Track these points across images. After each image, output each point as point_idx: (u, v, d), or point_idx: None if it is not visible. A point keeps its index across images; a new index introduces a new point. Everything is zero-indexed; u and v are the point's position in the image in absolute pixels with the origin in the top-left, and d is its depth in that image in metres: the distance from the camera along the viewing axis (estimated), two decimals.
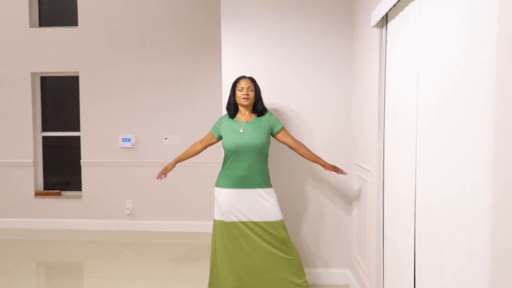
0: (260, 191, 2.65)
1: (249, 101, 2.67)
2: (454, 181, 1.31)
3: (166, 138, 4.66)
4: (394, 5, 1.95)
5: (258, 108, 2.72)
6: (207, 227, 4.63)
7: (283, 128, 2.73)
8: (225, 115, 2.82)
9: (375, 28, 2.35)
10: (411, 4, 1.76)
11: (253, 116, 2.73)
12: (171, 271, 3.47)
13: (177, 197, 4.68)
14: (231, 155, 2.67)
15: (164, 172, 2.85)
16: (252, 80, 2.73)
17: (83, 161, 4.78)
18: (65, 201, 4.84)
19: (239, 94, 2.68)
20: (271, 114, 2.77)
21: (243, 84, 2.68)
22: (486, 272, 1.10)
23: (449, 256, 1.35)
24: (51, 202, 4.84)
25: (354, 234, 3.04)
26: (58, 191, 4.90)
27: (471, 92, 1.20)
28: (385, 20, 2.22)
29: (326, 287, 3.10)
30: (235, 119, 2.74)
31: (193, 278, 3.33)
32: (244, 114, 2.73)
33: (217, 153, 4.42)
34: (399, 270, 1.95)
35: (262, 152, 2.66)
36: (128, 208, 4.72)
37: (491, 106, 1.08)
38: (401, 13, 1.91)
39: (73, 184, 4.96)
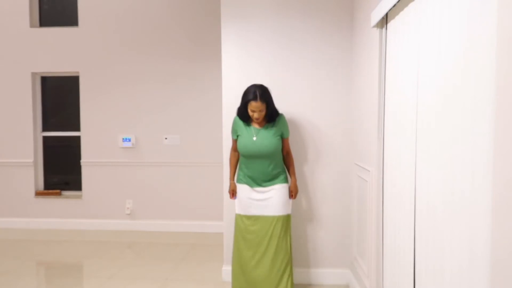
0: (274, 187, 2.79)
1: (260, 120, 2.75)
2: (454, 181, 1.31)
3: (166, 138, 4.66)
4: (394, 5, 1.95)
5: (269, 119, 2.78)
6: (207, 227, 4.64)
7: (287, 138, 2.89)
8: (237, 117, 2.86)
9: (375, 28, 2.35)
10: (411, 4, 1.76)
11: (265, 122, 2.81)
12: (171, 271, 3.47)
13: (177, 197, 4.68)
14: (245, 157, 2.81)
15: (234, 193, 2.91)
16: (263, 99, 2.68)
17: (83, 161, 4.78)
18: (65, 201, 4.84)
19: (251, 114, 2.73)
20: (283, 118, 2.84)
21: (253, 107, 2.69)
22: (487, 271, 1.10)
23: (449, 256, 1.35)
24: (51, 202, 4.84)
25: (354, 234, 3.04)
26: (58, 191, 4.90)
27: (471, 92, 1.20)
28: (385, 20, 2.22)
29: (326, 287, 3.10)
30: (250, 124, 2.81)
31: (193, 278, 3.33)
32: (257, 122, 2.81)
33: (217, 153, 4.43)
34: (399, 270, 1.95)
35: (274, 156, 2.79)
36: (128, 208, 4.72)
37: (491, 106, 1.08)
38: (401, 13, 1.91)
39: (73, 184, 4.96)
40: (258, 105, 2.67)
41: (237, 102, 3.10)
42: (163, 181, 4.69)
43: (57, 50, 4.73)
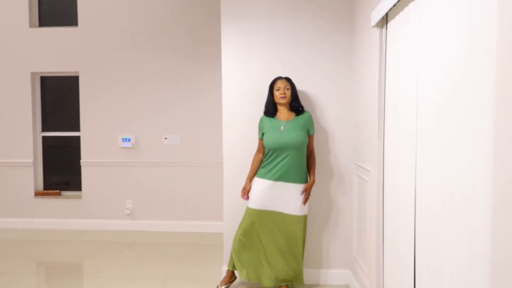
0: (296, 186, 2.83)
1: (286, 100, 2.85)
2: (454, 181, 1.31)
3: (166, 138, 4.66)
4: (394, 5, 1.96)
5: (294, 105, 2.89)
6: (207, 227, 4.64)
7: (312, 135, 2.95)
8: (263, 116, 2.94)
9: (375, 28, 2.35)
10: (411, 4, 1.76)
11: (293, 115, 2.89)
12: (171, 271, 3.47)
13: (177, 197, 4.68)
14: (272, 151, 2.83)
15: (246, 192, 2.94)
16: (288, 79, 2.90)
17: (83, 161, 4.78)
18: (65, 201, 4.84)
19: (276, 93, 2.86)
20: (310, 115, 2.92)
21: (279, 84, 2.86)
22: (487, 272, 1.10)
23: (449, 256, 1.35)
24: (51, 202, 4.84)
25: (354, 234, 3.04)
26: (58, 191, 4.90)
27: (471, 92, 1.20)
28: (385, 20, 2.22)
29: (326, 287, 3.10)
30: (275, 117, 2.89)
31: (193, 278, 3.33)
32: (283, 113, 2.89)
33: (217, 153, 4.43)
34: (399, 270, 1.95)
35: (300, 150, 2.84)
36: (128, 208, 4.72)
37: (491, 106, 1.08)
38: (401, 13, 1.91)
39: (73, 184, 4.96)
40: (283, 81, 2.86)
41: (237, 102, 3.12)
42: (163, 181, 4.69)
43: (56, 50, 4.73)
